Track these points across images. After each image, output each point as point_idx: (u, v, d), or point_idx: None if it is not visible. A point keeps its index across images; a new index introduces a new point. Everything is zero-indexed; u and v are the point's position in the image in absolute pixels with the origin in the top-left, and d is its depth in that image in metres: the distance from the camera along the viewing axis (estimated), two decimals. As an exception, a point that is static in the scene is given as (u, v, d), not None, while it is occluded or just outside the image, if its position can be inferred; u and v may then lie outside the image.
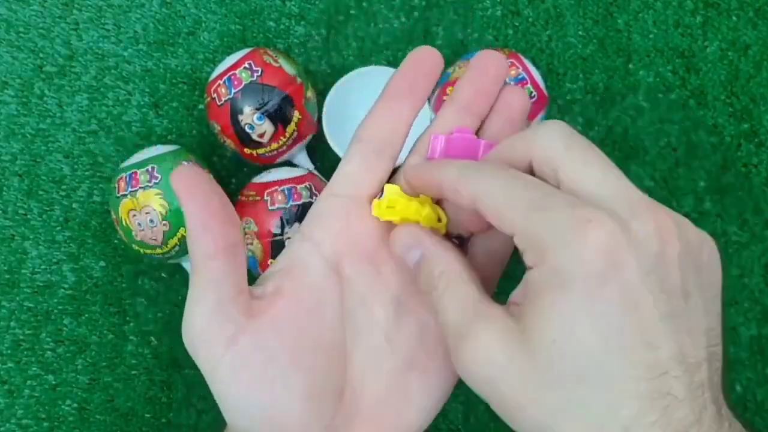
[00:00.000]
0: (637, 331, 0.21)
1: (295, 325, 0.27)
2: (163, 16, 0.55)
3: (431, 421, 0.31)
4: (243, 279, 0.26)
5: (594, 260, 0.21)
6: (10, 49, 0.55)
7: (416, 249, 0.27)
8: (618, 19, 0.55)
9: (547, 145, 0.25)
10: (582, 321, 0.22)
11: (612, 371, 0.22)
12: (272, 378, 0.26)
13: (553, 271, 0.22)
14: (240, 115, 0.47)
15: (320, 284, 0.28)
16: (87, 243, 0.53)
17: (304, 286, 0.27)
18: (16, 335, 0.52)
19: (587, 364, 0.22)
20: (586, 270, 0.21)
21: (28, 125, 0.54)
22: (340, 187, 0.29)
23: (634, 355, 0.21)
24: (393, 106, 0.29)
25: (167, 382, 0.51)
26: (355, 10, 0.55)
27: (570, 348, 0.22)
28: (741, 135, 0.54)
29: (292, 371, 0.26)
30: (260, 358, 0.26)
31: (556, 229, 0.22)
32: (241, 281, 0.26)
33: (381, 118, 0.29)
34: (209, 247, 0.25)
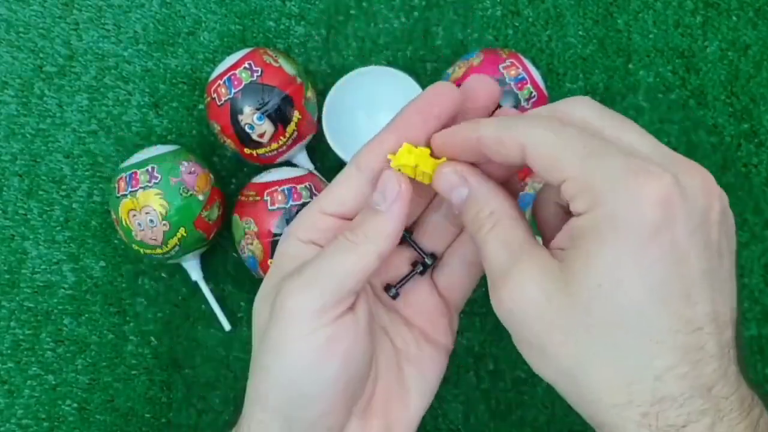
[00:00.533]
0: (681, 285, 0.22)
1: (366, 320, 0.29)
2: (163, 16, 0.55)
3: (430, 402, 0.33)
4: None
5: (650, 210, 0.21)
6: (10, 49, 0.55)
7: (462, 187, 0.27)
8: (618, 19, 0.55)
9: (581, 113, 0.25)
10: (630, 268, 0.22)
11: (652, 321, 0.22)
12: (345, 357, 0.27)
13: (606, 216, 0.22)
14: (240, 115, 0.47)
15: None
16: (87, 243, 0.53)
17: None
18: (16, 335, 0.52)
19: (629, 311, 0.22)
20: (640, 219, 0.22)
21: (28, 125, 0.54)
22: (330, 205, 0.29)
23: (675, 308, 0.22)
24: (397, 138, 0.29)
25: (167, 382, 0.51)
26: (355, 10, 0.55)
27: (614, 294, 0.22)
28: (741, 135, 0.54)
29: (354, 357, 0.28)
30: (347, 339, 0.27)
31: (614, 175, 0.22)
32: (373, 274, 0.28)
33: (382, 147, 0.29)
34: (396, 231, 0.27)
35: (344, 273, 0.27)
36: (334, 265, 0.27)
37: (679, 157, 0.24)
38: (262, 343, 0.29)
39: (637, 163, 0.22)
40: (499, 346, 0.52)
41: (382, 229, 0.27)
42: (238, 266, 0.53)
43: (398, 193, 0.27)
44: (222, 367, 0.52)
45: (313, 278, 0.27)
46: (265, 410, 0.29)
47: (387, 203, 0.27)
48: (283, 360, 0.27)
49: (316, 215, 0.29)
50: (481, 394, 0.51)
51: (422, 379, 0.32)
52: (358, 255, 0.27)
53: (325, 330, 0.27)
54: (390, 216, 0.27)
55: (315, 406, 0.28)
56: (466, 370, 0.52)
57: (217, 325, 0.52)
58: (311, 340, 0.27)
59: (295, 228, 0.30)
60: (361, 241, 0.27)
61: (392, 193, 0.27)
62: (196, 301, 0.52)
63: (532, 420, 0.51)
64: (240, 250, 0.48)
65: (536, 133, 0.24)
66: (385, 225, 0.27)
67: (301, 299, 0.27)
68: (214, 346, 0.52)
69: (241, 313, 0.52)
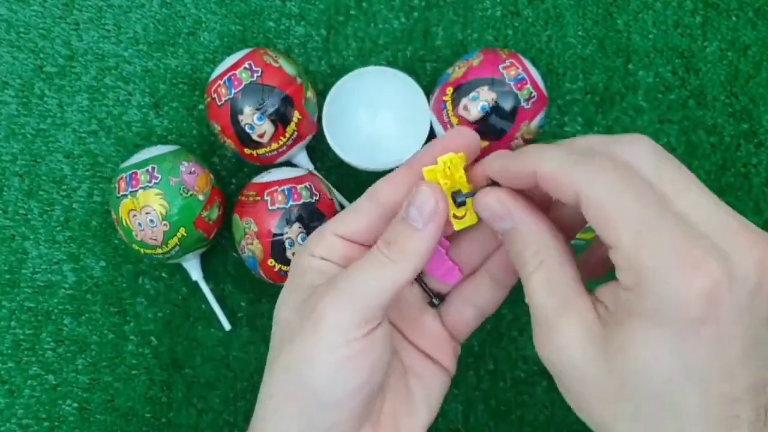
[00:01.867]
0: (721, 367, 0.22)
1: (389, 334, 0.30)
2: (164, 16, 0.56)
3: (434, 418, 0.34)
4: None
5: (694, 306, 0.21)
6: (11, 49, 0.55)
7: (506, 219, 0.27)
8: (618, 19, 0.55)
9: (640, 159, 0.24)
10: (671, 356, 0.22)
11: (686, 397, 0.22)
12: (371, 369, 0.28)
13: (650, 302, 0.22)
14: (240, 116, 0.47)
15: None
16: (87, 243, 0.53)
17: None
18: (16, 335, 0.52)
19: (664, 387, 0.22)
20: (684, 313, 0.21)
21: (28, 125, 0.54)
22: (344, 231, 0.30)
23: (714, 386, 0.22)
24: (416, 175, 0.29)
25: (167, 381, 0.51)
26: (355, 10, 0.56)
27: (651, 372, 0.22)
28: (740, 135, 0.54)
29: (378, 370, 0.29)
30: (375, 352, 0.28)
31: (667, 261, 0.22)
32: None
33: (400, 182, 0.30)
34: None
35: (381, 289, 0.28)
36: (371, 280, 0.28)
37: (736, 225, 0.23)
38: (288, 351, 0.29)
39: (692, 254, 0.22)
40: (499, 346, 0.52)
41: (419, 246, 0.28)
42: (239, 266, 0.53)
43: (435, 212, 0.27)
44: (222, 366, 0.52)
45: (352, 292, 0.27)
46: (284, 416, 0.29)
47: (423, 221, 0.27)
48: (312, 369, 0.28)
49: (329, 236, 0.30)
50: (481, 394, 0.51)
51: (428, 394, 0.33)
52: (394, 272, 0.28)
53: (358, 343, 0.27)
54: (426, 234, 0.28)
55: (335, 414, 0.28)
56: (466, 370, 0.52)
57: (217, 325, 0.52)
58: (343, 352, 0.27)
59: (310, 245, 0.31)
60: (397, 258, 0.28)
61: (429, 211, 0.27)
62: (196, 301, 0.52)
63: (531, 420, 0.51)
64: (240, 250, 0.48)
65: (595, 186, 0.23)
66: (421, 243, 0.28)
67: (340, 313, 0.27)
68: (214, 346, 0.52)
69: (241, 313, 0.52)
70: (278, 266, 0.47)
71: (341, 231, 0.30)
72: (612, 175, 0.23)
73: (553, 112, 0.55)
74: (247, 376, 0.52)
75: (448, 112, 0.48)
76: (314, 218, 0.46)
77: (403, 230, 0.28)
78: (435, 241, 0.28)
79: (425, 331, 0.34)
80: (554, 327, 0.25)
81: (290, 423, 0.29)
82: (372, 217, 0.30)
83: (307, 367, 0.28)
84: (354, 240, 0.30)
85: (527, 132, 0.48)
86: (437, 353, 0.34)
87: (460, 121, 0.48)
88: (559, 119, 0.55)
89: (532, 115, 0.48)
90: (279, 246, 0.46)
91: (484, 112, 0.47)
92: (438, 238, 0.28)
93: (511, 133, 0.48)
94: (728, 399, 0.22)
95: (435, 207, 0.27)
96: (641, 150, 0.24)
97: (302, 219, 0.46)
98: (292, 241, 0.46)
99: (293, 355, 0.28)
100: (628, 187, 0.23)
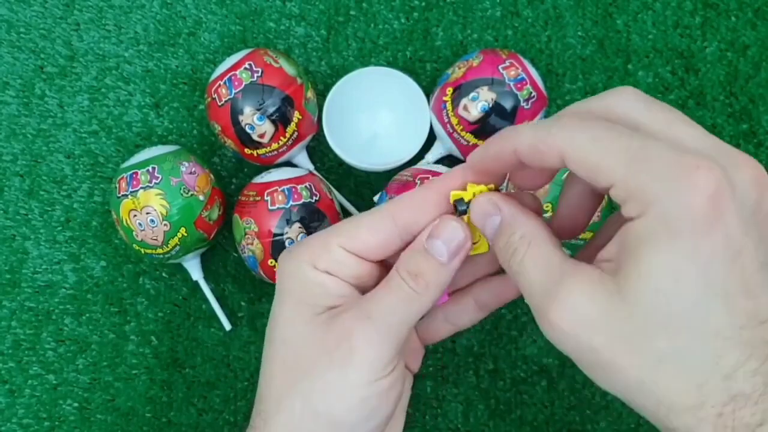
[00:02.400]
0: (739, 280, 0.21)
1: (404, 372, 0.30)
2: (164, 16, 0.56)
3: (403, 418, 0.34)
4: None
5: (701, 206, 0.21)
6: (11, 49, 0.55)
7: (495, 215, 0.27)
8: (617, 19, 0.56)
9: (627, 105, 0.24)
10: (687, 267, 0.21)
11: (715, 319, 0.21)
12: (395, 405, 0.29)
13: (659, 218, 0.22)
14: (240, 116, 0.47)
15: None
16: (88, 243, 0.53)
17: None
18: (17, 335, 0.52)
19: (691, 311, 0.21)
20: (692, 215, 0.21)
21: (29, 125, 0.54)
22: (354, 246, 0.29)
23: (737, 303, 0.21)
24: (437, 196, 0.29)
25: (168, 381, 0.51)
26: (354, 10, 0.56)
27: (674, 295, 0.21)
28: (740, 135, 0.55)
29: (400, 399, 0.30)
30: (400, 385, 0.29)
31: (663, 175, 0.22)
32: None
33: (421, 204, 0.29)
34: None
35: (409, 322, 0.28)
36: (401, 314, 0.28)
37: (728, 148, 0.23)
38: (310, 380, 0.28)
39: (688, 159, 0.22)
40: (499, 345, 0.52)
41: (442, 280, 0.28)
42: (239, 266, 0.53)
43: (461, 248, 0.28)
44: (222, 366, 0.52)
45: (385, 326, 0.27)
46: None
47: (449, 256, 0.27)
48: (345, 406, 0.28)
49: (336, 249, 0.29)
50: (481, 394, 0.51)
51: (404, 403, 0.34)
52: (420, 305, 0.28)
53: (386, 381, 0.28)
54: (451, 268, 0.28)
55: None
56: (466, 370, 0.52)
57: (217, 325, 0.52)
58: (376, 387, 0.27)
59: (313, 257, 0.29)
60: (423, 291, 0.28)
61: (456, 247, 0.27)
62: (196, 300, 0.52)
63: (531, 419, 0.51)
64: (240, 250, 0.48)
65: (575, 139, 0.24)
66: (445, 277, 0.28)
67: (374, 348, 0.27)
68: (214, 346, 0.52)
69: (241, 312, 0.52)
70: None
71: (353, 247, 0.29)
72: (587, 124, 0.24)
73: (552, 112, 0.55)
74: (247, 376, 0.52)
75: (448, 112, 0.48)
76: (314, 218, 0.47)
77: (426, 263, 0.28)
78: (454, 274, 0.28)
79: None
80: (555, 294, 0.24)
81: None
82: (390, 236, 0.29)
83: (335, 401, 0.27)
84: (365, 257, 0.29)
85: (527, 132, 0.49)
86: (408, 360, 0.35)
87: (459, 122, 0.48)
88: (559, 119, 0.55)
89: (531, 115, 0.48)
90: (279, 246, 0.46)
91: (484, 112, 0.47)
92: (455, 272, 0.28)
93: (511, 134, 0.48)
94: (757, 321, 0.21)
95: (463, 243, 0.27)
96: (627, 96, 0.25)
97: (302, 219, 0.46)
98: (292, 241, 0.46)
99: (318, 385, 0.28)
100: (609, 128, 0.23)
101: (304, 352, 0.28)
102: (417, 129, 0.50)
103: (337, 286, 0.29)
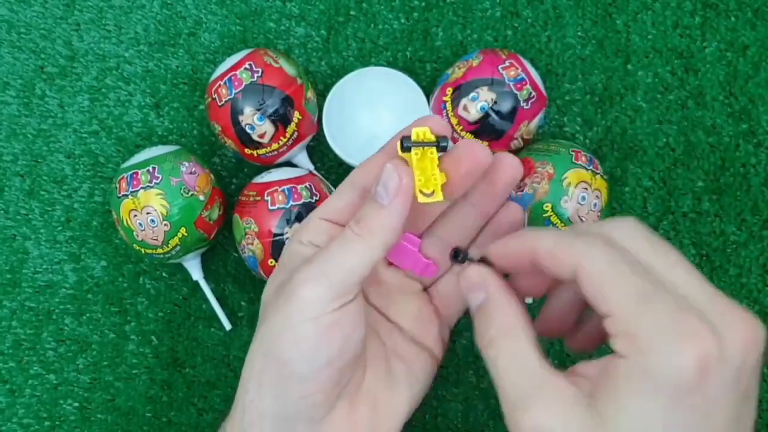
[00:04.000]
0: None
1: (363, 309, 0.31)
2: (164, 17, 0.56)
3: (417, 405, 0.34)
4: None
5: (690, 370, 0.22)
6: (12, 49, 0.55)
7: (480, 292, 0.28)
8: (617, 19, 0.56)
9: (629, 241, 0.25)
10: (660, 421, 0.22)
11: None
12: (343, 343, 0.29)
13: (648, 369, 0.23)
14: (240, 116, 0.47)
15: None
16: (88, 243, 0.53)
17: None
18: (17, 335, 0.52)
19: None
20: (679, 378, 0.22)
21: (29, 126, 0.54)
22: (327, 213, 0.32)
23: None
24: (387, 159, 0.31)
25: (168, 381, 0.52)
26: (354, 11, 0.56)
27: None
28: (739, 135, 0.55)
29: (350, 343, 0.30)
30: (347, 326, 0.29)
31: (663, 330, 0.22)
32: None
33: (373, 167, 0.32)
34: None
35: (352, 265, 0.29)
36: (342, 256, 0.29)
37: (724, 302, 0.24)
38: (265, 326, 0.30)
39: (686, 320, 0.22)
40: (499, 345, 0.52)
41: (386, 223, 0.29)
42: (239, 266, 0.53)
43: (399, 188, 0.28)
44: (223, 366, 0.52)
45: (325, 269, 0.28)
46: (260, 386, 0.30)
47: (389, 197, 0.28)
48: (284, 342, 0.29)
49: (315, 220, 0.32)
50: (481, 393, 0.51)
51: (410, 375, 0.34)
52: (363, 247, 0.29)
53: (330, 316, 0.28)
54: (392, 210, 0.28)
55: (306, 386, 0.29)
56: (466, 370, 0.52)
57: (217, 325, 0.52)
58: (315, 324, 0.28)
59: (299, 232, 0.32)
60: (365, 234, 0.29)
61: (393, 188, 0.28)
62: (196, 300, 0.52)
63: (531, 419, 0.51)
64: (240, 249, 0.48)
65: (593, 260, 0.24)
66: (388, 219, 0.29)
67: (313, 288, 0.28)
68: (214, 346, 0.52)
69: (241, 312, 0.53)
70: (278, 266, 0.47)
71: (325, 214, 0.32)
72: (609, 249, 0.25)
73: (552, 113, 0.55)
74: (248, 376, 0.52)
75: (447, 112, 0.48)
76: (314, 218, 0.47)
77: (370, 208, 0.29)
78: (401, 216, 0.29)
79: (408, 312, 0.35)
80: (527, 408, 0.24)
81: (264, 393, 0.30)
82: (351, 198, 0.31)
83: (279, 339, 0.29)
84: (338, 222, 0.32)
85: (526, 132, 0.49)
86: (422, 334, 0.35)
87: (459, 122, 0.48)
88: (559, 119, 0.55)
89: (531, 116, 0.48)
90: (279, 246, 0.46)
91: (484, 113, 0.47)
92: (405, 213, 0.29)
93: (511, 134, 0.48)
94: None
95: (399, 183, 0.28)
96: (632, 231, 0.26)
97: (302, 219, 0.46)
98: (292, 240, 0.46)
99: (267, 329, 0.30)
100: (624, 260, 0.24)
101: (268, 301, 0.31)
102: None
103: (315, 251, 0.31)
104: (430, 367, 0.34)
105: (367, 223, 0.29)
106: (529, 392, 0.25)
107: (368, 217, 0.29)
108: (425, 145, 0.29)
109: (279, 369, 0.29)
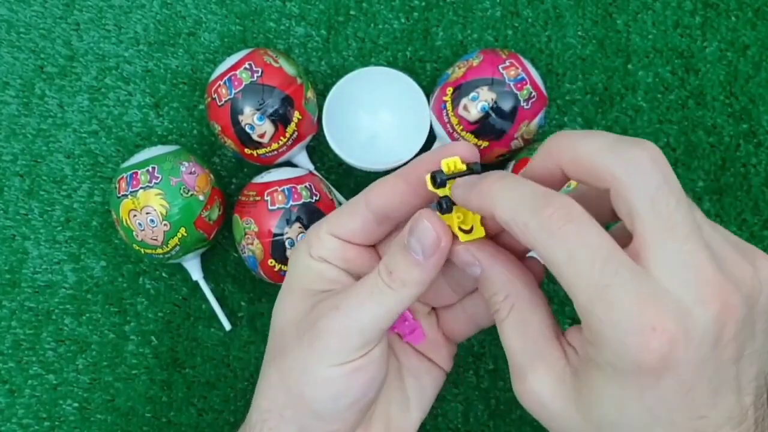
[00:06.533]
0: (687, 410, 0.23)
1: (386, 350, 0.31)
2: (164, 16, 0.56)
3: (425, 417, 0.34)
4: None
5: (651, 365, 0.22)
6: (11, 49, 0.55)
7: (474, 266, 0.28)
8: (617, 19, 0.56)
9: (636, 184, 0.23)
10: (632, 403, 0.23)
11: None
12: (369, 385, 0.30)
13: (609, 360, 0.23)
14: (240, 116, 0.47)
15: None
16: (88, 243, 0.53)
17: None
18: (17, 335, 0.52)
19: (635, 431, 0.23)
20: (641, 371, 0.22)
21: (29, 125, 0.54)
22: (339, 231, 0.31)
23: (683, 426, 0.23)
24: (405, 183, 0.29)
25: (168, 381, 0.51)
26: (355, 10, 0.56)
27: (620, 423, 0.23)
28: (740, 135, 0.55)
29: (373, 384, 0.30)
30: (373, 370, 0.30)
31: (619, 328, 0.22)
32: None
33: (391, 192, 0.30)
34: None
35: (381, 316, 0.28)
36: (371, 307, 0.28)
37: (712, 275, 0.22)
38: (288, 360, 0.30)
39: (647, 318, 0.22)
40: (499, 345, 0.52)
41: (419, 279, 0.28)
42: (239, 266, 0.53)
43: (437, 248, 0.28)
44: (222, 366, 0.52)
45: (354, 318, 0.28)
46: (281, 418, 0.30)
47: (425, 255, 0.28)
48: (309, 383, 0.29)
49: (325, 236, 0.31)
50: (481, 394, 0.51)
51: (421, 390, 0.34)
52: (395, 300, 0.28)
53: (354, 363, 0.28)
54: (427, 267, 0.28)
55: (330, 424, 0.30)
56: (466, 370, 0.52)
57: (217, 325, 0.52)
58: (341, 370, 0.28)
59: (308, 245, 0.31)
60: (398, 288, 0.28)
61: (430, 246, 0.27)
62: (196, 300, 0.52)
63: (531, 419, 0.51)
64: (240, 249, 0.48)
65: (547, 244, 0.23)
66: (423, 277, 0.28)
67: (338, 337, 0.28)
68: (214, 346, 0.52)
69: (241, 312, 0.52)
70: (278, 266, 0.47)
71: (337, 232, 0.31)
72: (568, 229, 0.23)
73: (552, 113, 0.55)
74: (247, 376, 0.52)
75: (448, 112, 0.48)
76: (314, 218, 0.47)
77: (403, 260, 0.28)
78: (436, 272, 0.28)
79: None
80: (526, 376, 0.26)
81: (285, 427, 0.30)
82: (366, 220, 0.30)
83: (302, 379, 0.29)
84: (350, 241, 0.31)
85: (527, 132, 0.49)
86: (433, 354, 0.35)
87: (460, 122, 0.48)
88: (559, 119, 0.55)
89: (531, 116, 0.48)
90: (279, 246, 0.46)
91: (484, 112, 0.47)
92: (439, 269, 0.28)
93: (511, 134, 0.48)
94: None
95: (436, 242, 0.27)
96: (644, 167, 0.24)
97: (302, 219, 0.46)
98: (292, 241, 0.46)
99: (290, 365, 0.29)
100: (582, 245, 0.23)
101: (286, 331, 0.30)
102: (417, 129, 0.50)
103: (330, 270, 0.31)
104: (439, 382, 0.35)
105: (399, 276, 0.28)
106: (526, 363, 0.26)
107: (401, 270, 0.28)
108: (459, 176, 0.27)
109: (303, 406, 0.29)
